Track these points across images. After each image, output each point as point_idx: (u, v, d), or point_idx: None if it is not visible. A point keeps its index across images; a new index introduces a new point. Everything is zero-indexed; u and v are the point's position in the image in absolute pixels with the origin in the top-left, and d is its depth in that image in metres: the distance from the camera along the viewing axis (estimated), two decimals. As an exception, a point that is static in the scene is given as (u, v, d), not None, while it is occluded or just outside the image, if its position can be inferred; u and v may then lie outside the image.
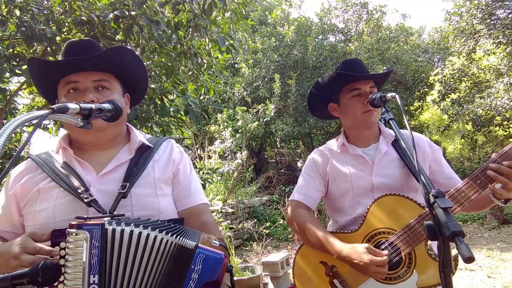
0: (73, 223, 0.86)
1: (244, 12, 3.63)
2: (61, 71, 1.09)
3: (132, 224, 0.88)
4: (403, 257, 1.30)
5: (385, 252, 1.27)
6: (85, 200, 0.99)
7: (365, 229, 1.36)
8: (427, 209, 1.25)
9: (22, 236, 0.93)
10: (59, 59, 1.14)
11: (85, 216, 0.90)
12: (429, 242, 1.30)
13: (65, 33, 2.75)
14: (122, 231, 0.86)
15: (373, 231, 1.35)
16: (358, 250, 1.27)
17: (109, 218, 0.89)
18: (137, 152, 1.15)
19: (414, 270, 1.29)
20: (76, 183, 1.03)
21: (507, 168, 1.14)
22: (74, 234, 0.84)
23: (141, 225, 0.88)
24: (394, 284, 1.30)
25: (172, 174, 1.17)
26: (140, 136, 1.19)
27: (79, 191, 1.01)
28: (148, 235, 0.86)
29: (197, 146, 12.82)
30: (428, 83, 11.58)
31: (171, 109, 3.07)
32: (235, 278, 4.53)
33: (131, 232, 0.86)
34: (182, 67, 3.42)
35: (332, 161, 1.55)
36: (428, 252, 1.29)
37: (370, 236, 1.35)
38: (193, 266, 0.83)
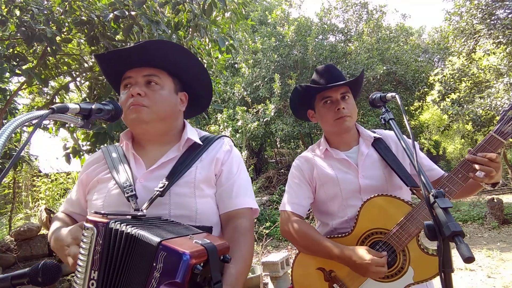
0: (89, 218, 0.87)
1: (244, 12, 3.63)
2: (119, 66, 1.14)
3: (137, 224, 0.86)
4: (398, 254, 1.33)
5: (384, 253, 1.30)
6: (125, 194, 1.03)
7: (358, 230, 1.39)
8: (414, 205, 1.31)
9: (75, 226, 0.97)
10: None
11: (102, 212, 0.89)
12: (421, 237, 1.34)
13: (65, 33, 2.76)
14: (122, 232, 0.84)
15: (367, 232, 1.37)
16: (359, 251, 1.30)
17: (128, 217, 0.90)
18: (187, 150, 1.16)
19: (410, 266, 1.32)
20: (124, 177, 1.07)
21: (482, 158, 1.21)
22: (87, 229, 0.86)
23: (133, 225, 0.84)
24: (392, 282, 1.33)
25: (214, 175, 1.14)
26: (192, 134, 1.18)
27: (124, 185, 1.05)
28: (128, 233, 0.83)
29: (197, 146, 12.81)
30: (428, 83, 11.59)
31: (171, 109, 3.07)
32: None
33: (122, 232, 0.84)
34: (182, 67, 3.41)
35: (318, 166, 1.55)
36: (420, 247, 1.32)
37: (364, 238, 1.38)
38: (154, 264, 0.77)
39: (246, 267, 1.02)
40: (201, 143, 1.17)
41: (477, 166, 1.22)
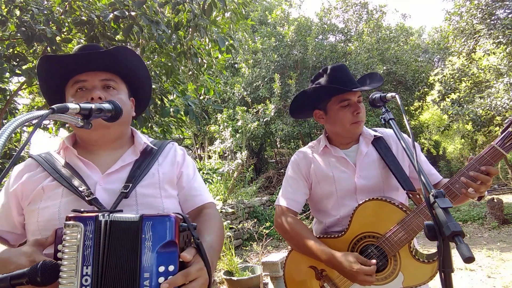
0: (70, 215, 0.87)
1: (244, 12, 3.63)
2: (71, 69, 1.12)
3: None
4: (389, 259, 1.33)
5: (373, 261, 1.29)
6: (86, 198, 1.01)
7: (351, 233, 1.39)
8: (408, 212, 1.30)
9: (28, 245, 0.93)
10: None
11: (81, 209, 0.91)
12: (413, 244, 1.34)
13: (65, 33, 2.76)
14: (112, 222, 0.87)
15: (359, 235, 1.38)
16: (348, 259, 1.30)
17: (107, 213, 0.91)
18: (142, 154, 1.18)
19: (400, 271, 1.32)
20: (77, 182, 1.05)
21: (485, 176, 1.19)
22: (70, 226, 0.85)
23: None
24: (382, 285, 1.33)
25: (176, 177, 1.19)
26: (144, 139, 1.22)
27: (80, 189, 1.03)
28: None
29: (197, 146, 12.83)
30: (428, 83, 11.59)
31: (171, 109, 3.07)
32: (235, 278, 4.47)
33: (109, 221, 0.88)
34: (182, 67, 3.42)
35: (315, 163, 1.55)
36: (411, 253, 1.32)
37: (356, 240, 1.38)
38: (143, 236, 0.84)
39: (220, 237, 1.12)
40: (154, 147, 1.21)
41: (471, 184, 1.20)
